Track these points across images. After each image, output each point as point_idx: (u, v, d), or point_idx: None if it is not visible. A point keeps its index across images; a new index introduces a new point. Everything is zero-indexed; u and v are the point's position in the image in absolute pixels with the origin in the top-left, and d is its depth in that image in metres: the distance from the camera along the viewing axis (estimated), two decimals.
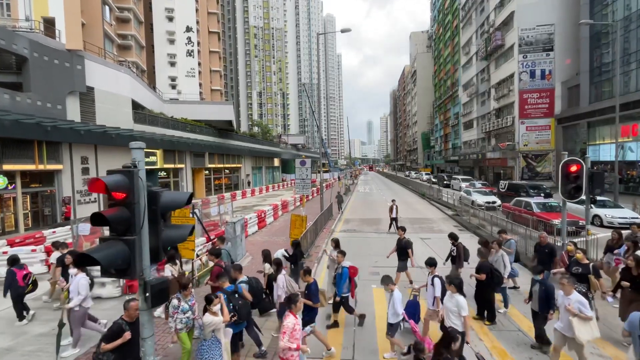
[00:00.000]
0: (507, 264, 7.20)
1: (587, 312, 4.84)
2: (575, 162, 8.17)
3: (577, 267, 6.38)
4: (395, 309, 5.38)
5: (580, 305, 4.87)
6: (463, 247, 8.19)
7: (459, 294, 5.06)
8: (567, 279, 5.14)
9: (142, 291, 2.88)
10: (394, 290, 5.49)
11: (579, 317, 4.84)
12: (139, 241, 2.73)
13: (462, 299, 4.99)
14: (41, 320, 7.10)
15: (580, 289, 5.97)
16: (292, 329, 4.17)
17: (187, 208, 9.31)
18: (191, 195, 3.30)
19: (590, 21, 23.82)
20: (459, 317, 4.92)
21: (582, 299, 4.99)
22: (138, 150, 2.92)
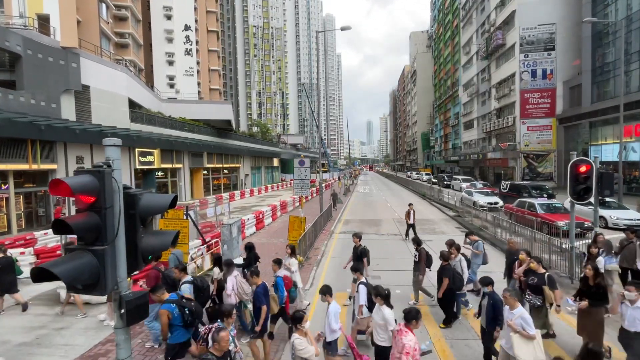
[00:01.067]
0: (464, 270, 7.08)
1: (529, 330, 4.45)
2: (585, 162, 7.86)
3: (533, 278, 5.90)
4: (329, 324, 4.79)
5: (522, 322, 4.48)
6: (426, 253, 7.83)
7: (386, 305, 4.65)
8: (510, 292, 4.78)
9: (117, 307, 2.55)
10: (330, 303, 4.94)
11: (521, 334, 4.44)
12: (110, 252, 2.40)
13: (388, 312, 4.58)
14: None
15: (536, 301, 5.73)
16: (414, 348, 3.74)
17: (180, 209, 8.99)
18: (175, 197, 2.96)
19: (594, 19, 23.58)
20: (386, 330, 4.52)
21: (526, 315, 4.59)
22: (112, 148, 2.59)
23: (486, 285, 5.31)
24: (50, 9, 20.38)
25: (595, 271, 5.58)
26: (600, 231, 8.89)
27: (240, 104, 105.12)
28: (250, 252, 7.91)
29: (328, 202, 21.23)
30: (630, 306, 4.75)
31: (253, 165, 48.65)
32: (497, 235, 13.66)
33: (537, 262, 6.05)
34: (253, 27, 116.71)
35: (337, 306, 4.98)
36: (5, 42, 16.27)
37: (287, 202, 23.67)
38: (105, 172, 2.40)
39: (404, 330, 3.96)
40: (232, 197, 31.69)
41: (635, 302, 4.69)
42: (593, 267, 5.64)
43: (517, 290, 5.32)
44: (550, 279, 5.76)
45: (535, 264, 6.02)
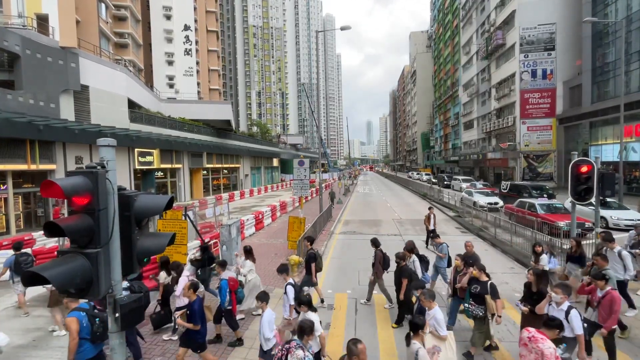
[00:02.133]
0: (417, 270, 7.09)
1: (441, 331, 4.44)
2: (586, 162, 7.81)
3: (476, 286, 5.59)
4: (263, 333, 4.56)
5: (435, 323, 4.49)
6: (382, 255, 7.72)
7: (311, 311, 4.58)
8: (425, 293, 4.78)
9: (112, 311, 2.50)
10: (264, 311, 4.73)
11: (433, 335, 4.48)
12: (104, 255, 2.34)
13: (313, 317, 4.46)
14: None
15: (478, 312, 5.45)
16: (555, 355, 3.58)
17: (178, 210, 8.94)
18: (171, 199, 2.91)
19: (594, 19, 23.53)
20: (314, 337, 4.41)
21: (439, 316, 4.58)
22: (107, 148, 2.54)
23: (416, 289, 5.39)
24: (49, 8, 20.33)
25: (537, 276, 5.46)
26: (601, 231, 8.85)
27: (240, 104, 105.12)
28: (204, 253, 7.51)
29: (328, 203, 21.19)
30: (556, 308, 4.67)
31: (253, 165, 48.60)
32: (498, 236, 13.61)
33: (480, 269, 5.72)
34: (253, 27, 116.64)
35: (272, 314, 4.78)
36: (3, 42, 16.23)
37: (287, 202, 23.62)
38: (99, 173, 2.35)
39: (539, 338, 3.72)
40: (231, 197, 31.64)
41: (560, 304, 4.62)
42: (535, 273, 5.50)
43: (432, 291, 5.05)
44: (493, 288, 5.46)
45: (478, 271, 5.69)
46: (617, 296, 5.10)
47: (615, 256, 6.84)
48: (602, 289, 5.25)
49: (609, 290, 5.15)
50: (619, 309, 5.08)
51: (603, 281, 5.23)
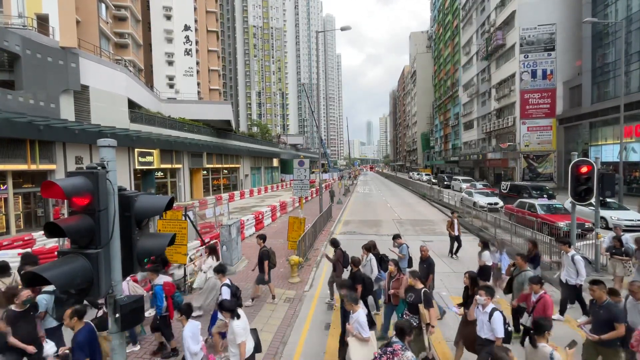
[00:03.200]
0: (374, 268, 7.03)
1: (364, 333, 4.41)
2: (586, 163, 7.81)
3: (411, 294, 5.25)
4: (187, 347, 4.13)
5: (358, 325, 4.47)
6: (342, 253, 7.70)
7: (235, 319, 4.43)
8: (347, 296, 4.72)
9: (112, 311, 2.50)
10: (185, 325, 4.32)
11: (357, 337, 4.45)
12: (104, 255, 2.34)
13: (235, 324, 4.32)
14: None
15: (413, 321, 5.14)
16: None
17: (178, 210, 8.95)
18: (172, 199, 2.91)
19: (594, 19, 23.52)
20: (236, 345, 4.34)
21: (362, 318, 4.53)
22: (107, 149, 2.54)
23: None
24: (49, 8, 20.34)
25: (471, 280, 5.37)
26: (601, 232, 8.86)
27: (240, 104, 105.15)
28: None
29: (328, 203, 21.20)
30: (481, 311, 4.61)
31: (253, 165, 48.60)
32: (498, 236, 13.59)
33: (414, 277, 5.38)
34: (253, 27, 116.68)
35: (194, 325, 4.35)
36: (4, 42, 16.23)
37: (287, 202, 23.61)
38: (99, 174, 2.35)
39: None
40: (231, 197, 31.64)
41: (485, 306, 4.55)
42: (470, 276, 5.44)
43: (354, 294, 4.90)
44: (426, 296, 5.14)
45: (413, 278, 5.35)
46: (550, 300, 4.97)
47: (569, 260, 6.83)
48: (537, 293, 5.13)
49: (542, 294, 5.03)
50: (552, 313, 4.98)
51: (538, 285, 5.11)
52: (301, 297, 8.21)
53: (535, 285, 5.16)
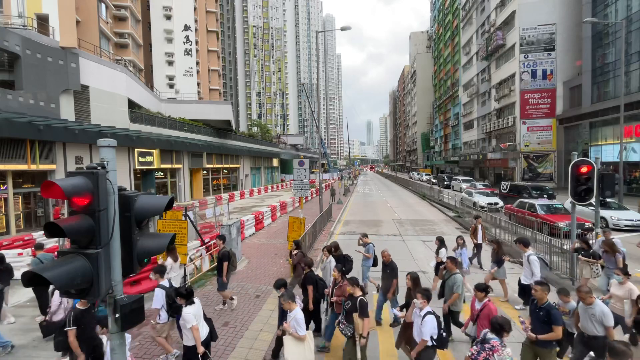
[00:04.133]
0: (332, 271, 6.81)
1: (300, 331, 4.42)
2: (586, 163, 7.81)
3: (348, 302, 5.00)
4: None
5: (295, 323, 4.50)
6: (303, 255, 7.66)
7: (188, 304, 4.59)
8: (284, 295, 4.72)
9: (112, 311, 2.50)
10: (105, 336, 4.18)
11: (293, 335, 4.51)
12: (104, 255, 2.34)
13: (185, 311, 4.50)
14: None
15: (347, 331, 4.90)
16: None
17: (178, 210, 8.95)
18: (172, 199, 2.91)
19: (594, 19, 23.53)
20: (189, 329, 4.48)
21: (299, 316, 4.53)
22: (107, 149, 2.54)
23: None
24: (49, 8, 20.33)
25: (413, 281, 5.31)
26: (601, 232, 8.85)
27: (240, 104, 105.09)
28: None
29: (328, 203, 21.19)
30: (418, 313, 4.49)
31: (253, 165, 48.60)
32: (498, 236, 13.59)
33: (353, 284, 5.03)
34: (253, 27, 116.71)
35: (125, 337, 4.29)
36: (4, 42, 16.22)
37: (287, 202, 23.62)
38: (99, 174, 2.35)
39: None
40: (231, 197, 31.64)
41: (422, 309, 4.42)
42: (412, 278, 5.34)
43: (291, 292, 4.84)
44: (361, 305, 4.79)
45: (351, 286, 5.03)
46: (494, 308, 4.79)
47: (526, 260, 6.85)
48: (481, 300, 4.91)
49: (486, 302, 4.83)
50: None
51: (482, 293, 4.90)
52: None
53: (479, 292, 4.93)
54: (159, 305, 5.24)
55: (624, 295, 5.27)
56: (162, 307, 5.27)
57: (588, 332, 4.68)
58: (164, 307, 5.26)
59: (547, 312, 4.48)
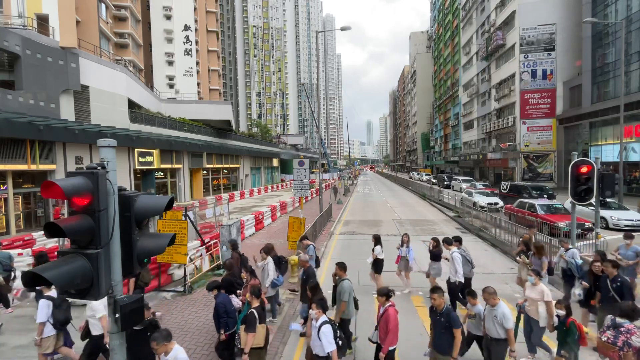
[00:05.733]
0: (270, 272, 6.78)
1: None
2: (586, 163, 7.80)
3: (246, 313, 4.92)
4: None
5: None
6: (240, 256, 7.58)
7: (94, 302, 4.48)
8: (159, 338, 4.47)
9: (112, 311, 2.50)
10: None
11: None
12: (104, 255, 2.34)
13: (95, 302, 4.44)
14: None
15: (236, 343, 4.71)
16: None
17: (178, 210, 8.95)
18: (172, 199, 2.91)
19: (594, 19, 23.51)
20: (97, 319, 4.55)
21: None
22: (107, 149, 2.54)
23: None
24: (49, 9, 20.34)
25: (311, 290, 5.15)
26: (601, 232, 8.86)
27: (240, 104, 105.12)
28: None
29: (328, 203, 21.18)
30: (314, 325, 4.30)
31: (253, 165, 48.60)
32: (498, 236, 13.61)
33: (254, 294, 4.83)
34: (253, 27, 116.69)
35: None
36: (4, 42, 16.23)
37: (287, 202, 23.62)
38: (99, 174, 2.35)
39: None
40: (231, 197, 31.64)
41: (317, 320, 4.26)
42: (310, 287, 5.23)
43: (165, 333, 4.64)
44: (249, 318, 4.54)
45: (250, 295, 4.84)
46: (393, 314, 4.55)
47: (451, 258, 6.91)
48: (383, 305, 4.69)
49: (387, 308, 4.61)
50: (394, 327, 4.47)
51: (384, 297, 4.67)
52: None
53: (380, 297, 4.70)
54: (44, 318, 4.85)
55: (537, 297, 5.16)
56: (47, 320, 4.90)
57: (491, 335, 4.64)
58: (49, 320, 4.91)
59: (447, 316, 4.42)
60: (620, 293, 5.23)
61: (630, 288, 5.29)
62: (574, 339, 4.59)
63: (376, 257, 8.14)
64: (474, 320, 4.96)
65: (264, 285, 6.73)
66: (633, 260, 7.21)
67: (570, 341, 4.60)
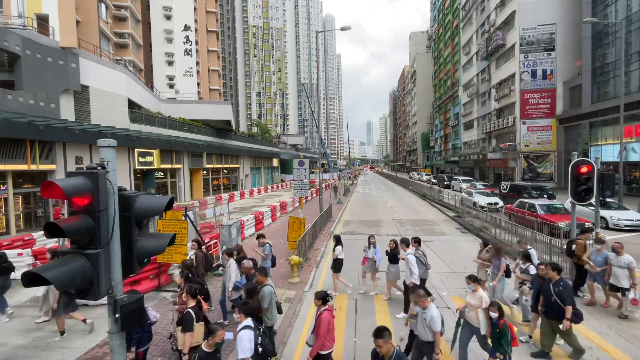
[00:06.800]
0: (232, 275, 6.63)
1: None
2: (586, 163, 7.81)
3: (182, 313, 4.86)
4: None
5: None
6: (204, 255, 7.52)
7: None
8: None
9: (112, 311, 2.50)
10: None
11: None
12: (104, 255, 2.35)
13: None
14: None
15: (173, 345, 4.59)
16: None
17: (178, 210, 8.95)
18: (172, 199, 2.91)
19: (594, 19, 23.49)
20: None
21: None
22: (107, 149, 2.54)
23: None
24: (49, 9, 20.35)
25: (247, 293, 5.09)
26: (601, 232, 8.85)
27: (240, 104, 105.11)
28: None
29: (328, 202, 21.18)
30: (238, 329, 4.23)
31: (253, 165, 48.60)
32: (498, 236, 13.60)
33: (190, 294, 4.64)
34: (253, 27, 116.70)
35: None
36: (4, 42, 16.23)
37: (287, 202, 23.62)
38: (99, 174, 2.35)
39: None
40: (231, 197, 31.64)
41: (240, 325, 4.19)
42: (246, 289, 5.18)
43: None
44: (185, 318, 4.42)
45: (187, 295, 4.63)
46: (325, 318, 4.46)
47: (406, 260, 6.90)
48: (319, 308, 4.60)
49: (321, 312, 4.54)
50: (324, 332, 4.40)
51: (320, 301, 4.60)
52: (301, 297, 8.21)
53: (317, 300, 4.64)
54: None
55: (476, 303, 5.09)
56: None
57: (421, 337, 4.61)
58: None
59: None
60: (562, 297, 5.15)
61: (571, 293, 5.19)
62: (507, 340, 4.57)
63: (337, 256, 8.26)
64: (414, 320, 4.99)
65: (228, 289, 6.57)
66: (601, 266, 7.19)
67: (504, 343, 4.58)
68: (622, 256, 6.83)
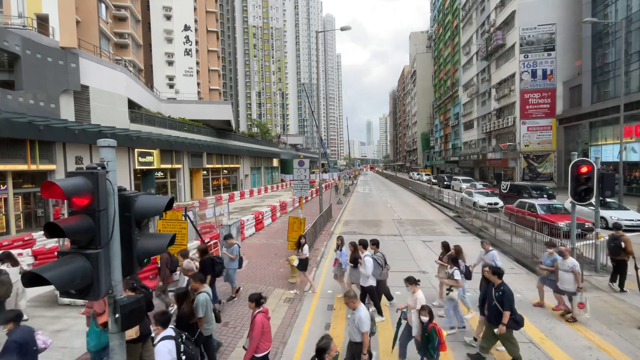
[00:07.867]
0: (186, 278, 6.53)
1: None
2: (586, 163, 7.81)
3: None
4: None
5: None
6: (170, 257, 7.24)
7: None
8: None
9: (112, 312, 2.50)
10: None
11: None
12: (104, 255, 2.35)
13: None
14: None
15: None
16: None
17: (178, 210, 8.95)
18: (172, 199, 2.91)
19: (594, 19, 23.51)
20: None
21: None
22: (107, 149, 2.54)
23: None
24: (49, 9, 20.35)
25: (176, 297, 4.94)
26: (601, 232, 8.86)
27: (240, 104, 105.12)
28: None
29: (328, 203, 21.19)
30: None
31: (253, 165, 48.60)
32: (498, 236, 13.61)
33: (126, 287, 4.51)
34: (253, 27, 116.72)
35: None
36: (4, 42, 16.23)
37: (287, 202, 23.62)
38: (99, 174, 2.35)
39: None
40: (231, 197, 31.65)
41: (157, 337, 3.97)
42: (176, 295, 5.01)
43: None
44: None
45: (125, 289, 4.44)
46: (259, 321, 4.37)
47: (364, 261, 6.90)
48: (254, 311, 4.52)
49: (255, 315, 4.46)
50: (257, 335, 4.31)
51: (253, 303, 4.52)
52: (301, 297, 8.21)
53: (250, 302, 4.56)
54: None
55: (412, 305, 5.14)
56: None
57: (351, 338, 4.62)
58: None
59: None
60: (501, 302, 5.13)
61: (510, 298, 5.15)
62: (434, 345, 4.54)
63: (305, 256, 8.47)
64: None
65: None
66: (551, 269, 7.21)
67: (430, 348, 4.56)
68: (567, 259, 6.82)
